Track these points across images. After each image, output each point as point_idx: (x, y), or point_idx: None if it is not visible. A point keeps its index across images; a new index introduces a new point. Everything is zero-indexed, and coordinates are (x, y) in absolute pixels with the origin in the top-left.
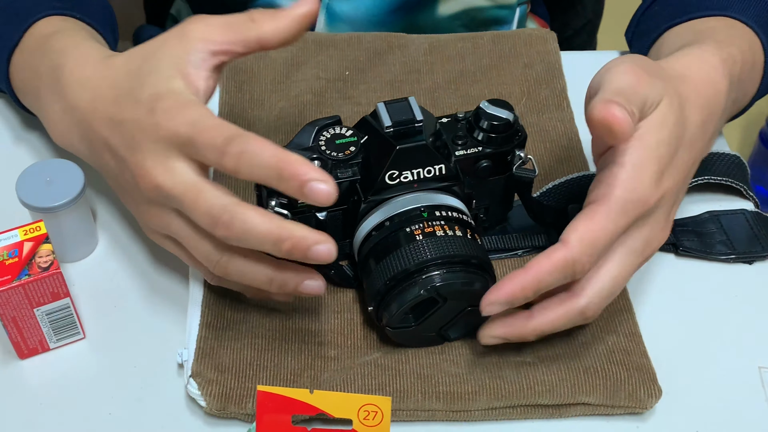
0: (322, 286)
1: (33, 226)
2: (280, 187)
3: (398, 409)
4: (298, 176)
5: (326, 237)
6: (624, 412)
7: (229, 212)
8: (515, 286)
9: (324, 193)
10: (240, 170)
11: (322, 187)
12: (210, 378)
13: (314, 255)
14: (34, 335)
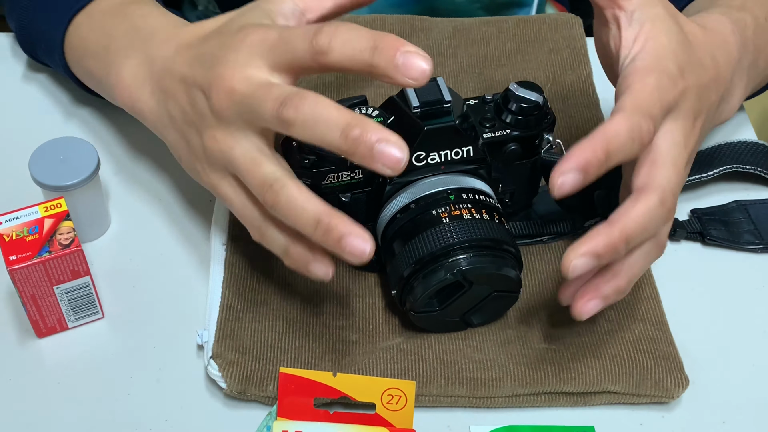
0: (367, 249)
1: (54, 203)
2: (374, 60)
3: (421, 394)
4: (397, 49)
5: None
6: (650, 401)
7: (300, 94)
8: (585, 149)
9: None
10: (332, 47)
11: (420, 62)
12: (231, 359)
13: (380, 153)
14: (53, 314)
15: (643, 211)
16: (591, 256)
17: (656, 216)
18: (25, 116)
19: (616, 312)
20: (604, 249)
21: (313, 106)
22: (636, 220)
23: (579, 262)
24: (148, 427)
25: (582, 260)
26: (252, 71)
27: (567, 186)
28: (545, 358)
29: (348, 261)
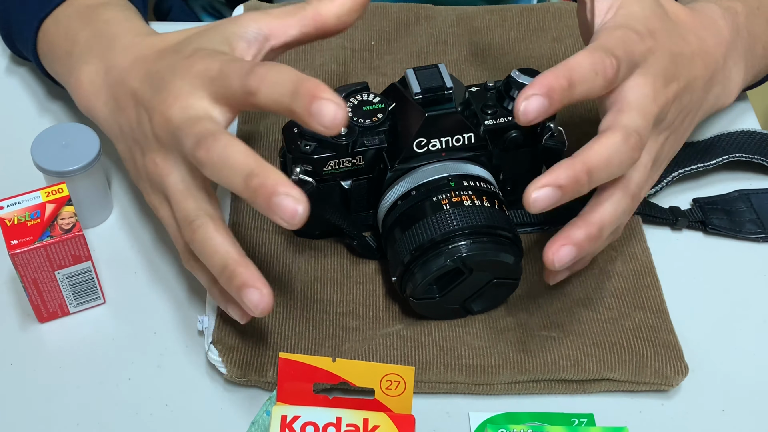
0: (263, 303)
1: (55, 188)
2: (292, 105)
3: (420, 381)
4: (311, 92)
5: (303, 198)
6: (649, 388)
7: (215, 135)
8: (548, 76)
9: (329, 115)
10: (261, 90)
11: (329, 108)
12: (231, 345)
13: (275, 206)
14: (55, 299)
15: (606, 144)
16: (553, 187)
17: (619, 151)
18: (27, 102)
19: (616, 300)
20: (566, 180)
21: (222, 150)
22: (598, 152)
23: (540, 194)
24: (149, 411)
25: (543, 191)
26: (192, 101)
27: (531, 109)
28: (545, 345)
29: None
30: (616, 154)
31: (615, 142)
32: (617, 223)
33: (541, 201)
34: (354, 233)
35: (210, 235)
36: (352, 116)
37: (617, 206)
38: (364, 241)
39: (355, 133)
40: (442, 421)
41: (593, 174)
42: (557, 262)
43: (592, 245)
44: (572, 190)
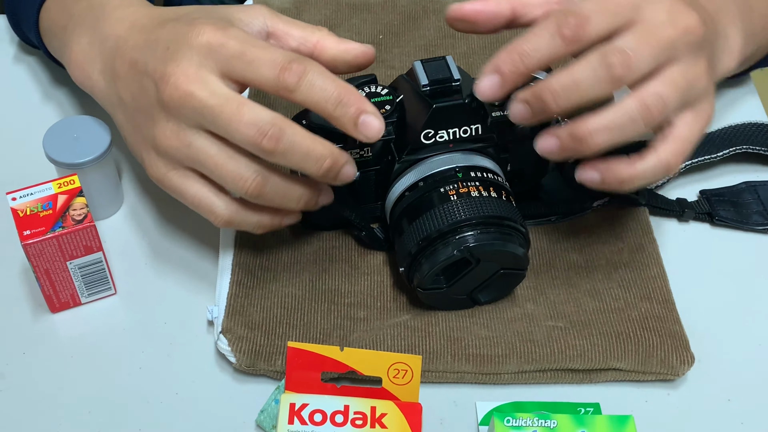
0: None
1: (67, 179)
2: (336, 113)
3: (427, 370)
4: (357, 105)
5: (350, 157)
6: (655, 378)
7: (278, 125)
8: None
9: (375, 129)
10: (299, 88)
11: (375, 123)
12: (240, 335)
13: (344, 175)
14: (66, 289)
15: (536, 29)
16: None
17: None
18: (40, 95)
19: (623, 290)
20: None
21: (291, 138)
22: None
23: (483, 81)
24: (159, 400)
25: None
26: (205, 74)
27: (484, 88)
28: (551, 335)
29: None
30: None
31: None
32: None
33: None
34: (362, 224)
35: (278, 182)
36: None
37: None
38: (371, 232)
39: None
40: (449, 410)
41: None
42: (540, 148)
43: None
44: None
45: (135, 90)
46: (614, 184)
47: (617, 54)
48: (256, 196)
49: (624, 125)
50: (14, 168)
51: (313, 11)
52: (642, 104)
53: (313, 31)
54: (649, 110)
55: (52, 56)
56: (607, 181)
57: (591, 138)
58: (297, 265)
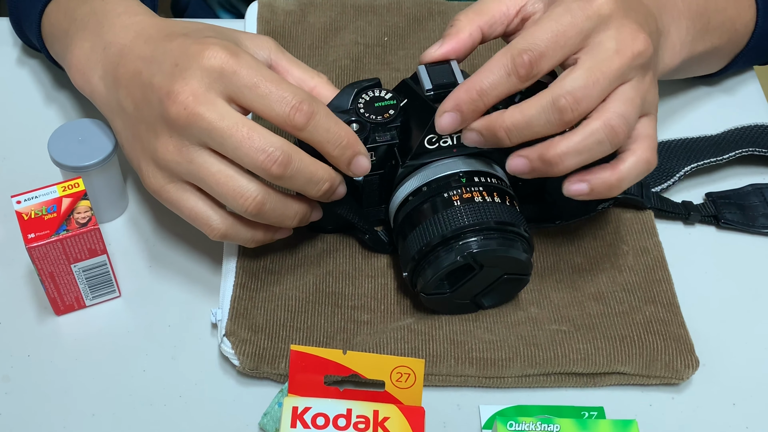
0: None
1: (72, 183)
2: (335, 153)
3: (430, 373)
4: (354, 149)
5: (342, 178)
6: (660, 382)
7: (287, 152)
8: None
9: (363, 168)
10: (307, 128)
11: (365, 163)
12: (244, 337)
13: (337, 195)
14: (71, 292)
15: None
16: (453, 109)
17: (504, 68)
18: (44, 98)
19: (627, 294)
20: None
21: (299, 164)
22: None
23: (443, 118)
24: (163, 402)
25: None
26: (213, 97)
27: (445, 125)
28: (555, 339)
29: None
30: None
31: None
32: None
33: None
34: (366, 228)
35: (278, 199)
36: (363, 112)
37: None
38: (375, 235)
39: (367, 130)
40: (452, 414)
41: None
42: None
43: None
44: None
45: (138, 100)
46: (604, 192)
47: (567, 97)
48: (255, 214)
49: (591, 147)
50: (19, 170)
51: (318, 13)
52: (607, 126)
53: (312, 76)
54: (614, 131)
55: (53, 59)
56: (597, 190)
57: (561, 161)
58: (301, 268)
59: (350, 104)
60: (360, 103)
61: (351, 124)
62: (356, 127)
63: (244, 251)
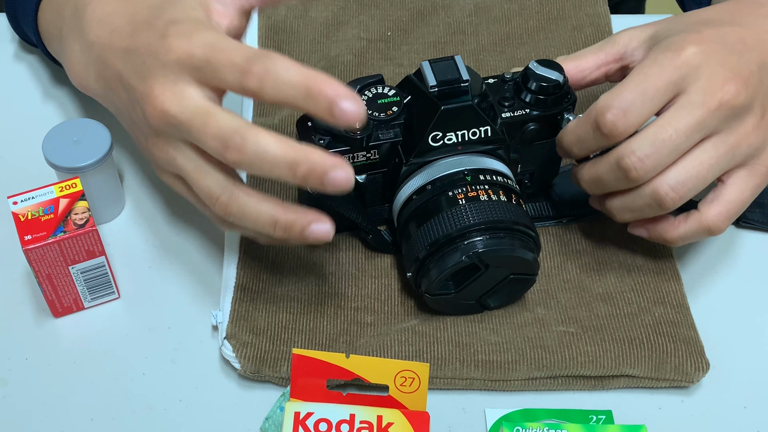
0: (331, 230)
1: (69, 183)
2: (308, 107)
3: (435, 377)
4: (327, 94)
5: (345, 162)
6: (669, 385)
7: (241, 134)
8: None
9: (354, 114)
10: (264, 90)
11: (352, 109)
12: (245, 340)
13: (332, 181)
14: (69, 294)
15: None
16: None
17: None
18: (38, 98)
19: (636, 294)
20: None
21: (255, 147)
22: (572, 130)
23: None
24: (162, 407)
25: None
26: (181, 88)
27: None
28: (562, 341)
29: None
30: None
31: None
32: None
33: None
34: (369, 227)
35: (243, 202)
36: (366, 109)
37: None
38: (379, 235)
39: (370, 127)
40: (457, 418)
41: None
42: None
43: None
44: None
45: (125, 101)
46: (660, 242)
47: (631, 157)
48: (224, 214)
49: (642, 208)
50: (16, 170)
51: (320, 8)
52: (654, 194)
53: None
54: (662, 200)
55: (51, 56)
56: (653, 238)
57: (618, 214)
58: (302, 269)
59: None
60: (363, 100)
61: None
62: (359, 125)
63: (245, 251)
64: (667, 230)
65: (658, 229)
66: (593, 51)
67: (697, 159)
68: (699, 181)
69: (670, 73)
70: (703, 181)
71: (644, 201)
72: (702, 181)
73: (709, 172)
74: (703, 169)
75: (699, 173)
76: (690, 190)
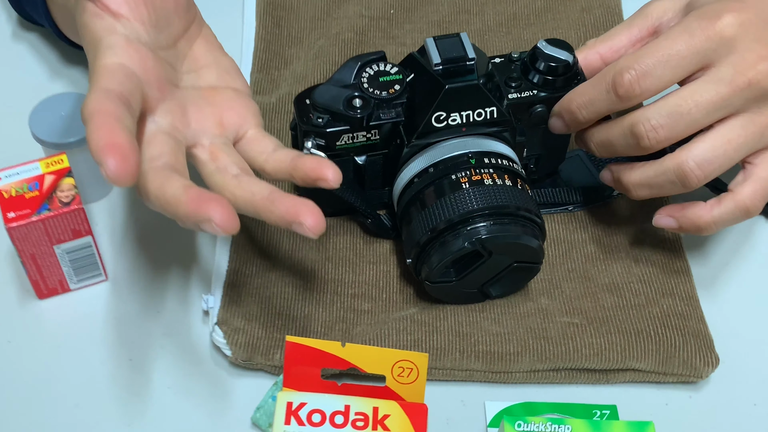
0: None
1: (55, 159)
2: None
3: (434, 367)
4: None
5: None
6: (677, 380)
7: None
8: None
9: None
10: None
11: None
12: (237, 326)
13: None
14: (54, 274)
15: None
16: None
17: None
18: (25, 71)
19: (644, 285)
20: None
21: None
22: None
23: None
24: (150, 394)
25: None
26: None
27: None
28: (566, 332)
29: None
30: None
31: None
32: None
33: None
34: (368, 211)
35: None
36: (367, 87)
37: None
38: (378, 219)
39: (371, 106)
40: (456, 410)
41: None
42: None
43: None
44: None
45: None
46: (692, 230)
47: (645, 124)
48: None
49: (663, 185)
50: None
51: None
52: (679, 170)
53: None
54: (686, 177)
55: (62, 35)
56: (684, 228)
57: (633, 190)
58: (298, 253)
59: (353, 78)
60: (364, 78)
61: (354, 99)
62: (359, 103)
63: (239, 233)
64: (700, 215)
65: (689, 215)
66: (625, 27)
67: (725, 137)
68: (726, 160)
69: (701, 42)
70: (730, 160)
71: (666, 177)
72: (728, 161)
73: (736, 152)
74: (731, 149)
75: (726, 152)
76: (716, 170)
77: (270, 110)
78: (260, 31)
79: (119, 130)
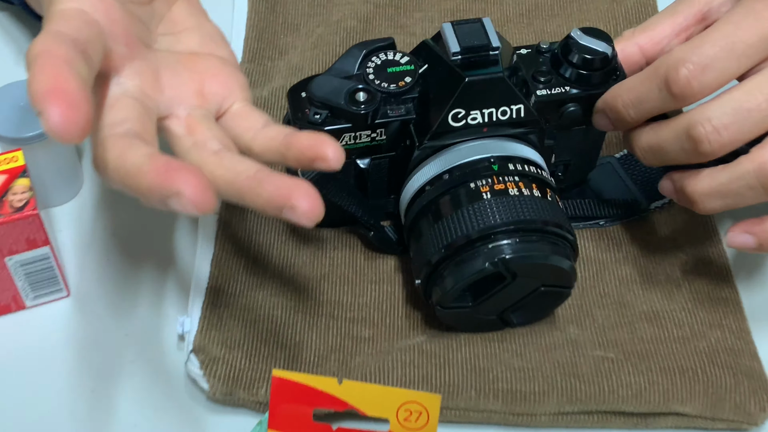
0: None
1: (8, 156)
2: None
3: (446, 407)
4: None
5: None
6: (727, 427)
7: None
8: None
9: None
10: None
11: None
12: (215, 355)
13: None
14: (6, 289)
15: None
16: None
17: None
18: None
19: (688, 315)
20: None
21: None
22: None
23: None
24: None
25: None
26: None
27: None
28: (600, 368)
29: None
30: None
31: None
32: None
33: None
34: (370, 223)
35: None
36: (373, 79)
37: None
38: (382, 232)
39: (377, 101)
40: None
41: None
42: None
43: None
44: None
45: None
46: None
47: (706, 125)
48: None
49: (741, 192)
50: None
51: None
52: (761, 170)
53: None
54: None
55: (31, 10)
56: (766, 246)
57: (701, 201)
58: (290, 270)
59: (357, 68)
60: (369, 68)
61: (357, 93)
62: (364, 97)
63: (222, 245)
64: None
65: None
66: (668, 15)
67: None
68: None
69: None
70: None
71: (746, 182)
72: None
73: None
74: None
75: None
76: None
77: (261, 104)
78: (252, 17)
79: (68, 73)
